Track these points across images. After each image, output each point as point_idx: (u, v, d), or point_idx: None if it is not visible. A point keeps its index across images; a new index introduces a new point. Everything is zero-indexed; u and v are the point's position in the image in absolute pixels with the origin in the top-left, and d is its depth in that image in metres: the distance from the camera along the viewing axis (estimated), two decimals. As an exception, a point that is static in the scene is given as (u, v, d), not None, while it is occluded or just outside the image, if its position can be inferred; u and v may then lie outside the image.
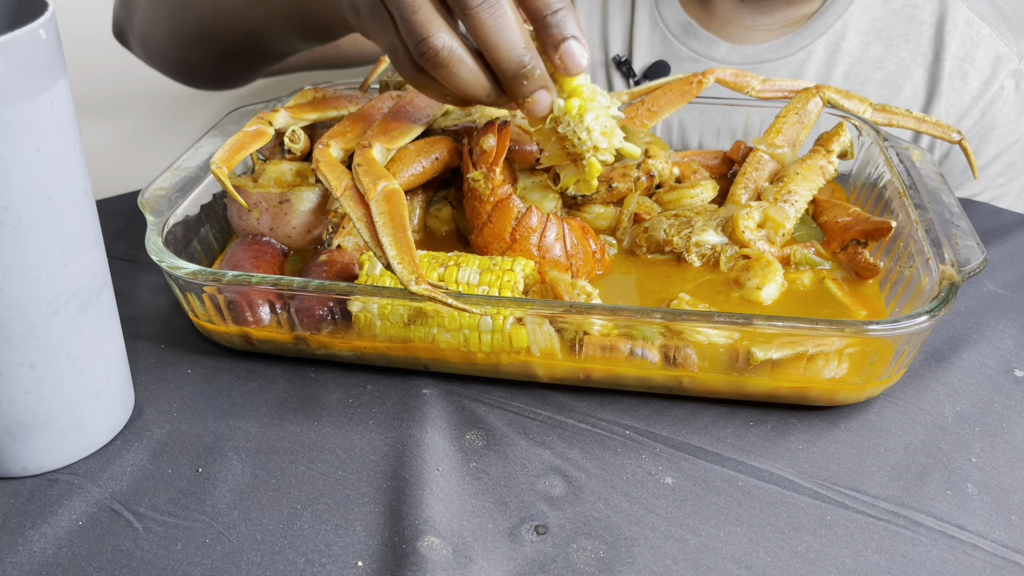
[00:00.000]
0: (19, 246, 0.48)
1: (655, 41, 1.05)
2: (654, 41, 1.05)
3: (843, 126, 0.77)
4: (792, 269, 0.69)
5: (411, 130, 0.69)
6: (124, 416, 0.59)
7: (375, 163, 0.62)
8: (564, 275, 0.63)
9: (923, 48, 1.00)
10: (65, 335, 0.52)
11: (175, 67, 1.04)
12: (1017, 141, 1.04)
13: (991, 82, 1.00)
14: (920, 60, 1.01)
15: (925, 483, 0.54)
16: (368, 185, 0.59)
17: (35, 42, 0.46)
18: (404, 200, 0.59)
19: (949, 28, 0.99)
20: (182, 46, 0.98)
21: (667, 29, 1.04)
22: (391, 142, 0.67)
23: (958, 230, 0.64)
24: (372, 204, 0.58)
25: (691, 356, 0.57)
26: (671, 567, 0.49)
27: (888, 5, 1.01)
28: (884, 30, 1.01)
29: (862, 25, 1.00)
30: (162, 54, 1.02)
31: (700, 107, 0.87)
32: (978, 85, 1.00)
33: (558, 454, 0.56)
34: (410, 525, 0.51)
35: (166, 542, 0.50)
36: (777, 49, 1.02)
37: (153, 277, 0.74)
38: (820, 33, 1.01)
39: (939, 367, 0.64)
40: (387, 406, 0.61)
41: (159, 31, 0.99)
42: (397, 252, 0.56)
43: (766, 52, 1.02)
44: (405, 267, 0.55)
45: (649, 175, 0.73)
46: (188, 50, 0.98)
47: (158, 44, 1.01)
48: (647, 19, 1.05)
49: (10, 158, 0.46)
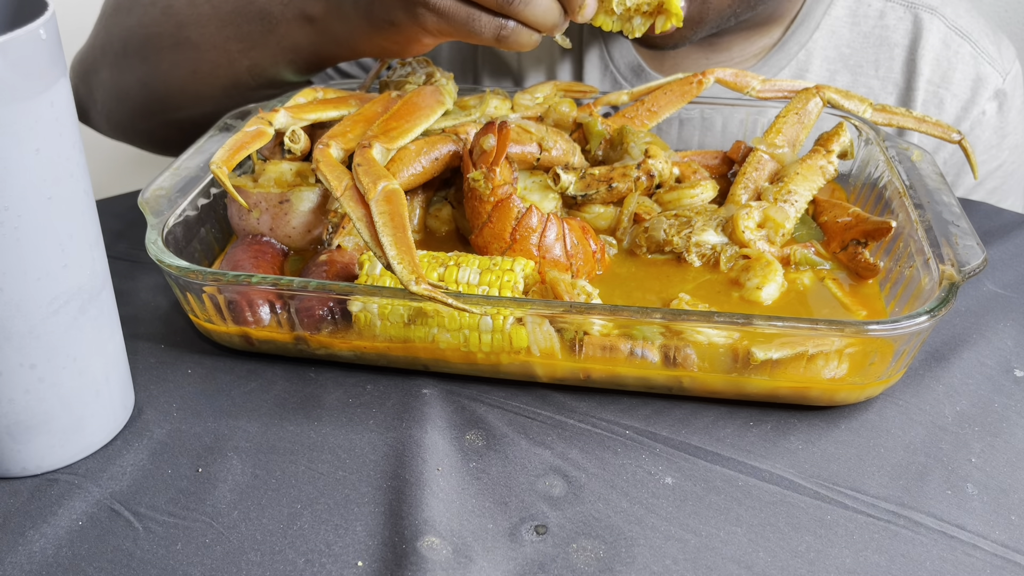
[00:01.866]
0: (19, 246, 0.48)
1: (605, 85, 1.00)
2: (604, 85, 1.00)
3: (843, 126, 0.77)
4: (792, 269, 0.69)
5: (411, 130, 0.70)
6: (124, 416, 0.59)
7: (375, 163, 0.62)
8: (564, 275, 0.63)
9: (894, 75, 0.95)
10: (65, 335, 0.52)
11: (143, 136, 1.02)
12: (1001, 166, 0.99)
13: (969, 108, 0.94)
14: (891, 88, 0.95)
15: (925, 483, 0.54)
16: (368, 185, 0.59)
17: (35, 42, 0.46)
18: (404, 200, 0.59)
19: (923, 52, 0.94)
20: (156, 111, 0.95)
21: (617, 71, 0.99)
22: (391, 142, 0.67)
23: (958, 230, 0.64)
24: (372, 204, 0.58)
25: (691, 356, 0.57)
26: (671, 567, 0.49)
27: (857, 28, 0.95)
28: (851, 56, 0.95)
29: (828, 53, 0.95)
30: (130, 125, 1.00)
31: (700, 107, 0.87)
32: (955, 112, 0.95)
33: (558, 454, 0.56)
34: (410, 525, 0.51)
35: (166, 542, 0.50)
36: None
37: (153, 277, 0.74)
38: (782, 66, 0.96)
39: (939, 367, 0.64)
40: (387, 406, 0.61)
41: (125, 103, 0.96)
42: (397, 252, 0.56)
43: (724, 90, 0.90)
44: (405, 267, 0.55)
45: (649, 175, 0.73)
46: (164, 114, 0.95)
47: (124, 116, 0.99)
48: (597, 62, 1.00)
49: (10, 158, 0.46)
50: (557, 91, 0.87)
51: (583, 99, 0.87)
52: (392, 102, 0.74)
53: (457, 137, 0.73)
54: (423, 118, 0.72)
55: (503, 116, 0.79)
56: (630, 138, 0.76)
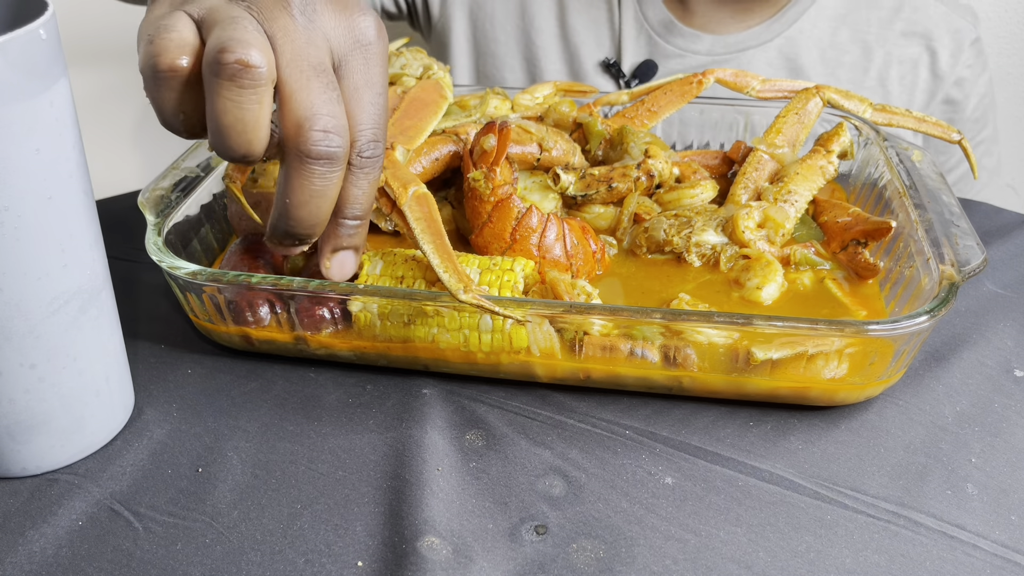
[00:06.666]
0: (19, 246, 0.48)
1: (641, 41, 1.09)
2: (640, 42, 1.09)
3: (843, 126, 0.77)
4: (792, 269, 0.69)
5: (425, 128, 0.69)
6: (124, 416, 0.59)
7: (400, 165, 0.62)
8: (564, 275, 0.63)
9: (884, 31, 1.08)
10: (65, 335, 0.52)
11: None
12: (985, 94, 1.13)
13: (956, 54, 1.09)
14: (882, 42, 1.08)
15: (925, 483, 0.54)
16: (398, 190, 0.59)
17: (35, 42, 0.46)
18: (435, 203, 0.59)
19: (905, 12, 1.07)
20: None
21: (651, 29, 1.08)
22: (410, 142, 0.67)
23: (958, 230, 0.64)
24: (405, 209, 0.58)
25: (691, 356, 0.57)
26: (671, 567, 0.49)
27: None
28: (848, 16, 1.08)
29: (829, 11, 1.07)
30: None
31: (700, 107, 0.87)
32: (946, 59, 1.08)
33: (558, 454, 0.56)
34: (410, 525, 0.51)
35: (166, 542, 0.50)
36: (756, 36, 1.07)
37: (153, 277, 0.74)
38: (794, 20, 1.07)
39: (939, 367, 0.64)
40: (387, 406, 0.61)
41: None
42: (441, 260, 0.56)
43: (746, 40, 1.07)
44: (451, 275, 0.55)
45: (649, 175, 0.73)
46: None
47: None
48: (632, 21, 1.09)
49: (10, 158, 0.46)
50: (557, 91, 0.87)
51: (583, 99, 0.87)
52: (398, 99, 0.74)
53: (457, 137, 0.73)
54: (432, 115, 0.71)
55: (503, 116, 0.79)
56: (630, 138, 0.76)
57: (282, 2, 0.49)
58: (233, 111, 0.47)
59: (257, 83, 0.46)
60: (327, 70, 0.49)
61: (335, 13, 0.51)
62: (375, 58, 0.52)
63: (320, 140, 0.48)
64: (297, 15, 0.49)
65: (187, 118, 0.49)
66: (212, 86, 0.47)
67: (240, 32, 0.46)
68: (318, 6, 0.50)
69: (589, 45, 1.11)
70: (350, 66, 0.51)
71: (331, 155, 0.49)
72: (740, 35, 1.07)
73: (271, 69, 0.47)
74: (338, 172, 0.50)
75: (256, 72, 0.46)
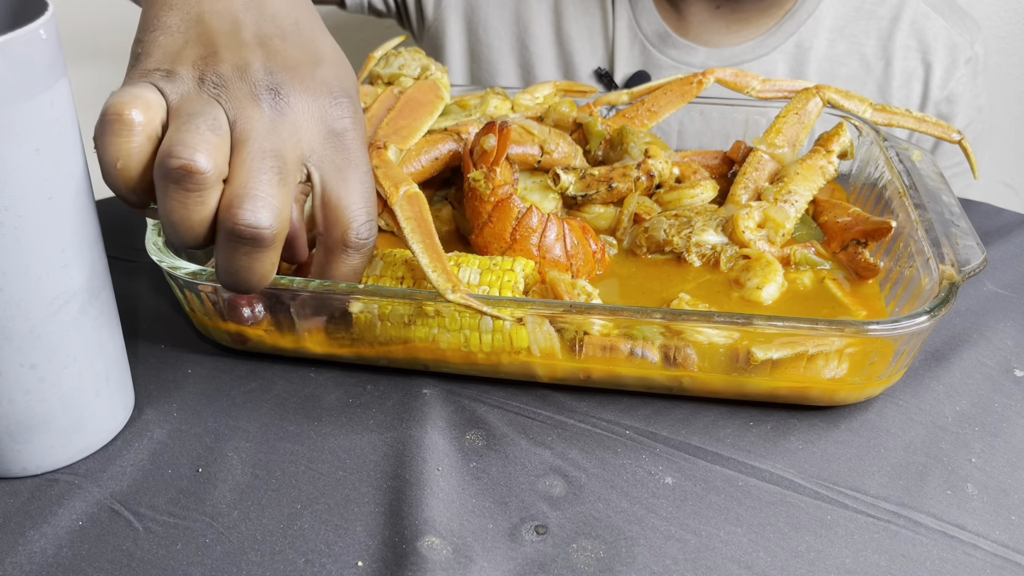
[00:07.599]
0: (19, 246, 0.48)
1: (635, 52, 1.08)
2: (634, 52, 1.08)
3: (843, 126, 0.77)
4: (792, 269, 0.69)
5: (420, 128, 0.69)
6: (124, 416, 0.59)
7: (392, 164, 0.62)
8: (564, 275, 0.63)
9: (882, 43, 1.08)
10: (65, 335, 0.52)
11: None
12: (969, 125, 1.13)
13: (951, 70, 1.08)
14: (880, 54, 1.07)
15: (925, 483, 0.54)
16: (390, 189, 0.59)
17: (35, 42, 0.46)
18: (426, 203, 0.59)
19: (903, 24, 1.07)
20: None
21: (646, 39, 1.07)
22: (403, 142, 0.67)
23: (958, 230, 0.64)
24: (396, 209, 0.58)
25: (691, 356, 0.57)
26: (671, 567, 0.49)
27: (849, 3, 1.07)
28: (846, 27, 1.07)
29: (827, 23, 1.07)
30: None
31: (700, 107, 0.87)
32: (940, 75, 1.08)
33: (558, 454, 0.56)
34: (410, 525, 0.51)
35: (166, 542, 0.50)
36: (752, 50, 1.06)
37: (153, 277, 0.74)
38: (791, 32, 1.06)
39: (939, 367, 0.64)
40: (387, 406, 0.61)
41: None
42: (430, 260, 0.56)
43: (742, 53, 1.06)
44: (440, 275, 0.55)
45: (649, 175, 0.73)
46: None
47: None
48: (626, 30, 1.08)
49: (10, 158, 0.46)
50: (557, 91, 0.87)
51: (583, 99, 0.87)
52: (394, 99, 0.74)
53: (458, 136, 0.73)
54: (427, 115, 0.71)
55: (503, 116, 0.79)
56: (630, 138, 0.76)
57: (252, 94, 0.50)
58: (179, 210, 0.49)
59: (201, 187, 0.48)
60: (281, 157, 0.50)
61: (308, 104, 0.52)
62: (353, 143, 0.54)
63: (247, 219, 0.48)
64: (266, 108, 0.50)
65: (124, 168, 0.50)
66: (160, 187, 0.49)
67: (190, 135, 0.48)
68: (291, 99, 0.51)
69: (584, 53, 1.10)
70: (327, 154, 0.52)
71: (255, 236, 0.49)
72: (735, 48, 1.07)
73: (218, 171, 0.48)
74: (267, 253, 0.51)
75: (200, 178, 0.47)
